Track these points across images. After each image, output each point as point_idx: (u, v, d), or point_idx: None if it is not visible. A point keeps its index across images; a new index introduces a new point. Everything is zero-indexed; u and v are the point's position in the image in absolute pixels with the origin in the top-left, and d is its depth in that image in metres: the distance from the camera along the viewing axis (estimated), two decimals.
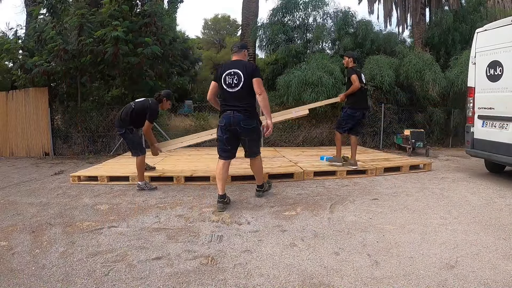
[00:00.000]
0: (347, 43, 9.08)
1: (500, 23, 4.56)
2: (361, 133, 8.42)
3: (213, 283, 2.07)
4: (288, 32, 9.84)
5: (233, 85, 3.42)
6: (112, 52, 6.95)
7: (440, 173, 5.30)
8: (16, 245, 2.64)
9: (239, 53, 3.59)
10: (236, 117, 3.40)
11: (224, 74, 3.46)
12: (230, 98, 3.45)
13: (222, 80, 3.46)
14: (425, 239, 2.70)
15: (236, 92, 3.41)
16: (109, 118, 8.08)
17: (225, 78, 3.45)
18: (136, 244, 2.64)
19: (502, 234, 2.79)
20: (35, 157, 7.86)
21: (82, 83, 8.19)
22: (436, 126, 8.61)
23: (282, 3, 9.91)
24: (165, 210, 3.48)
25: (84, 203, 3.78)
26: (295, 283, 2.06)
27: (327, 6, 9.88)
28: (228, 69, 3.46)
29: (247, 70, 3.41)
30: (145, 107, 4.23)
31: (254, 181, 4.60)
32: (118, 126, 4.33)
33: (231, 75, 3.43)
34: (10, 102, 8.02)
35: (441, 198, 3.88)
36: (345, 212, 3.40)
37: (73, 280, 2.10)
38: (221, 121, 3.49)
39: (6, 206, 3.71)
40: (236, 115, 3.40)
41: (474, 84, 4.94)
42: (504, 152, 4.38)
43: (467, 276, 2.12)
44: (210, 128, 8.80)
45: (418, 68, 8.12)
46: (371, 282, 2.07)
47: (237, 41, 9.29)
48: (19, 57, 7.99)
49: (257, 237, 2.77)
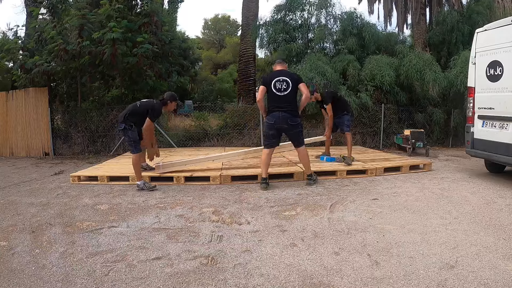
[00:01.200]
0: (351, 44, 9.07)
1: (500, 23, 4.55)
2: (361, 133, 8.47)
3: (213, 283, 2.07)
4: (290, 32, 9.81)
5: (282, 90, 4.18)
6: (110, 53, 6.95)
7: (440, 173, 5.29)
8: (16, 245, 2.64)
9: (282, 64, 4.47)
10: (284, 116, 4.16)
11: (273, 80, 4.20)
12: (279, 100, 4.19)
13: (272, 85, 4.19)
14: (425, 239, 2.70)
15: (285, 96, 4.18)
16: (109, 118, 8.08)
17: (275, 83, 4.19)
18: (136, 244, 2.63)
19: (502, 234, 2.79)
20: (35, 157, 7.86)
21: (82, 83, 8.20)
22: (436, 126, 8.60)
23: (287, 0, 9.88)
24: (165, 210, 3.48)
25: (84, 203, 3.78)
26: (295, 283, 2.06)
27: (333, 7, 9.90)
28: (277, 77, 4.22)
29: (293, 78, 4.27)
30: (149, 107, 4.32)
31: (254, 181, 4.64)
32: (119, 121, 4.39)
33: (280, 81, 4.19)
34: (10, 102, 8.03)
35: (441, 198, 3.88)
36: (345, 212, 3.40)
37: (73, 280, 2.10)
38: (270, 119, 4.23)
39: (6, 206, 3.71)
40: (283, 115, 4.16)
41: (474, 84, 4.94)
42: (504, 152, 4.38)
43: (467, 276, 2.12)
44: (209, 128, 8.88)
45: (418, 68, 8.11)
46: (371, 282, 2.07)
47: (278, 56, 9.44)
48: (19, 57, 8.00)
49: (257, 237, 2.77)
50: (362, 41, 9.39)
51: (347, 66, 8.52)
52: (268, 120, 4.27)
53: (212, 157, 5.08)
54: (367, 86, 8.23)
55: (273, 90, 4.19)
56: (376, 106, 8.39)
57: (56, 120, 8.48)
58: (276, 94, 4.19)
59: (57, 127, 8.45)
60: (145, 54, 7.38)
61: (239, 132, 8.55)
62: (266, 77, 4.37)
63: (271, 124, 4.23)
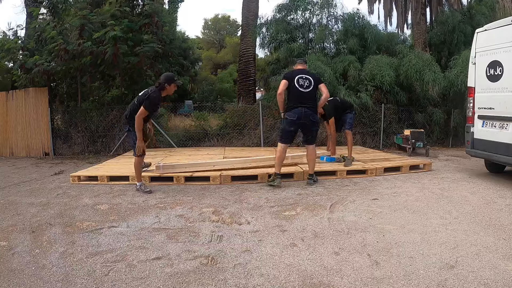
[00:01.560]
0: (352, 45, 9.07)
1: (500, 23, 4.55)
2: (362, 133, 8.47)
3: (213, 283, 2.07)
4: (291, 32, 9.81)
5: (305, 87, 4.26)
6: (112, 53, 6.95)
7: (440, 173, 5.29)
8: (16, 245, 2.64)
9: (303, 64, 4.57)
10: (306, 113, 4.22)
11: (297, 76, 4.27)
12: (302, 97, 4.23)
13: (296, 81, 4.24)
14: (425, 239, 2.70)
15: (308, 93, 4.26)
16: (109, 118, 8.08)
17: (298, 80, 4.25)
18: (136, 244, 2.63)
19: (502, 234, 2.79)
20: (35, 157, 7.86)
21: (82, 83, 8.20)
22: (436, 126, 8.60)
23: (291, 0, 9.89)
24: (165, 210, 3.48)
25: (84, 203, 3.78)
26: (295, 283, 2.06)
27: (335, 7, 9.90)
28: (300, 74, 4.31)
29: (315, 77, 4.42)
30: (145, 97, 3.97)
31: (254, 181, 4.64)
32: (124, 123, 4.30)
33: (303, 78, 4.28)
34: (10, 102, 8.03)
35: (441, 198, 3.88)
36: (345, 212, 3.40)
37: (73, 280, 2.10)
38: (291, 115, 4.22)
39: (6, 206, 3.71)
40: (306, 111, 4.21)
41: (474, 84, 4.94)
42: (504, 152, 4.38)
43: (467, 276, 2.12)
44: (209, 128, 8.87)
45: (417, 68, 8.10)
46: (371, 282, 2.07)
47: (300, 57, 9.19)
48: (19, 57, 8.00)
49: (257, 237, 2.77)
50: (363, 41, 9.38)
51: (348, 66, 8.51)
52: (290, 116, 4.24)
53: (212, 162, 5.07)
54: (367, 86, 8.22)
55: (296, 86, 4.23)
56: (376, 106, 8.39)
57: (56, 120, 8.47)
58: (299, 90, 4.23)
59: (57, 127, 8.45)
60: (146, 53, 7.39)
61: (239, 132, 8.55)
62: (289, 73, 4.45)
63: (293, 120, 4.22)
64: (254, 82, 11.53)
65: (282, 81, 4.34)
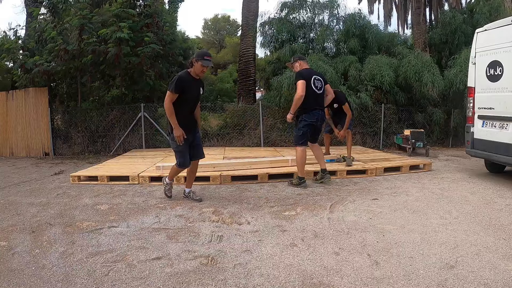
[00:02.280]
0: (353, 45, 9.07)
1: (500, 23, 4.55)
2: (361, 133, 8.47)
3: (213, 283, 2.07)
4: (293, 31, 9.80)
5: (319, 88, 4.17)
6: (114, 53, 6.95)
7: (440, 173, 5.29)
8: (16, 245, 2.64)
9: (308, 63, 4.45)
10: (322, 115, 4.26)
11: (312, 77, 4.13)
12: (318, 98, 4.16)
13: (312, 82, 4.09)
14: (425, 239, 2.70)
15: (321, 94, 4.20)
16: (109, 118, 8.08)
17: (313, 81, 4.12)
18: (136, 244, 2.63)
19: (502, 234, 2.79)
20: (35, 157, 7.86)
21: (82, 83, 8.20)
22: (436, 126, 8.61)
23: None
24: (165, 210, 3.48)
25: (84, 203, 3.78)
26: (295, 283, 2.06)
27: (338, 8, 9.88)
28: (314, 74, 4.19)
29: (323, 78, 4.34)
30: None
31: (254, 181, 4.65)
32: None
33: (317, 80, 4.17)
34: (10, 102, 8.03)
35: (441, 198, 3.88)
36: (345, 212, 3.40)
37: (73, 280, 2.10)
38: (310, 117, 4.12)
39: (6, 206, 3.71)
40: (321, 113, 4.24)
41: (474, 84, 4.94)
42: (504, 152, 4.38)
43: (467, 276, 2.12)
44: (209, 128, 8.87)
45: (416, 69, 8.10)
46: (371, 282, 2.07)
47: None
48: (19, 57, 8.00)
49: (257, 237, 2.77)
50: (364, 41, 9.38)
51: (348, 67, 8.50)
52: (309, 118, 4.12)
53: (213, 163, 5.07)
54: (367, 86, 8.22)
55: (313, 88, 4.10)
56: (376, 106, 8.39)
57: (56, 120, 8.47)
58: (316, 92, 4.12)
59: (57, 127, 8.45)
60: (147, 54, 7.39)
61: (239, 132, 8.55)
62: (305, 73, 4.15)
63: (312, 122, 4.15)
64: (254, 82, 11.53)
65: (301, 81, 4.02)
